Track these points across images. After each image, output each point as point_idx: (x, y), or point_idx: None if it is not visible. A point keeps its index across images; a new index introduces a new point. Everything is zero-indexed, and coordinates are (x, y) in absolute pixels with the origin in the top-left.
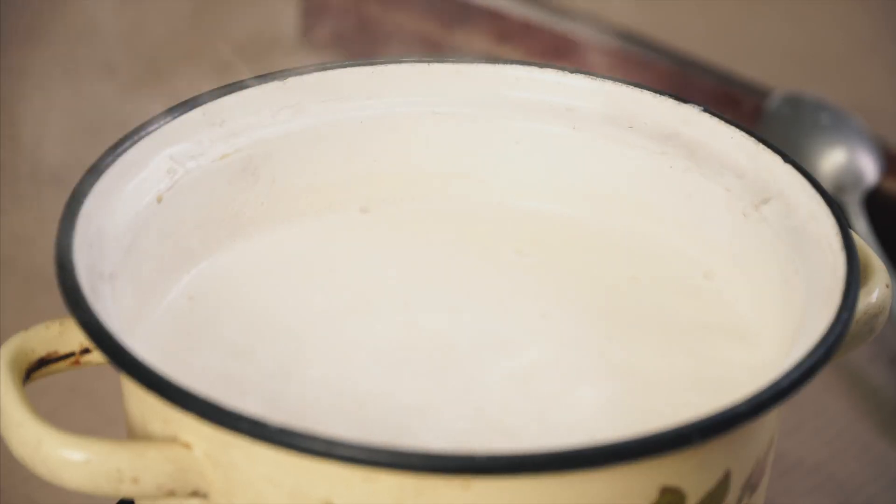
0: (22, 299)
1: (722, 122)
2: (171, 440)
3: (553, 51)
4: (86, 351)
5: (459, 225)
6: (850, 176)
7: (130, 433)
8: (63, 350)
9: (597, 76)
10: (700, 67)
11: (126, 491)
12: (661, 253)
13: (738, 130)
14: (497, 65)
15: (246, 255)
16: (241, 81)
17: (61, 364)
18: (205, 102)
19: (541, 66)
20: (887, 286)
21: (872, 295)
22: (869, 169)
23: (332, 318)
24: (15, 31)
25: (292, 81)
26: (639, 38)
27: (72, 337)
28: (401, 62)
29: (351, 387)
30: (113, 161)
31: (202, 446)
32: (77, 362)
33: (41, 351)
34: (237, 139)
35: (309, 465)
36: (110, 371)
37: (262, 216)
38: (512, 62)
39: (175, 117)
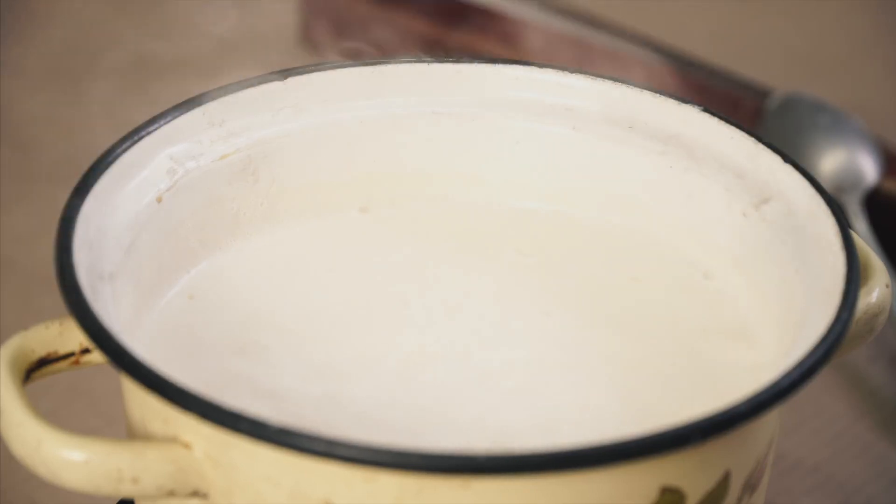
0: (22, 299)
1: (722, 122)
2: (171, 440)
3: (551, 50)
4: (86, 351)
5: (459, 225)
6: (850, 176)
7: (130, 433)
8: (63, 350)
9: (597, 76)
10: (700, 67)
11: (126, 491)
12: (661, 253)
13: (738, 130)
14: (497, 65)
15: (246, 255)
16: (241, 81)
17: (61, 364)
18: (205, 102)
19: (541, 66)
20: (887, 286)
21: (872, 295)
22: (869, 169)
23: (332, 318)
24: (15, 32)
25: (292, 81)
26: (639, 38)
27: (72, 337)
28: (400, 62)
29: (351, 387)
30: (113, 161)
31: (202, 446)
32: (77, 362)
33: (41, 351)
34: (237, 139)
35: (309, 465)
36: (110, 371)
37: (262, 216)
38: (512, 62)
39: (175, 117)
